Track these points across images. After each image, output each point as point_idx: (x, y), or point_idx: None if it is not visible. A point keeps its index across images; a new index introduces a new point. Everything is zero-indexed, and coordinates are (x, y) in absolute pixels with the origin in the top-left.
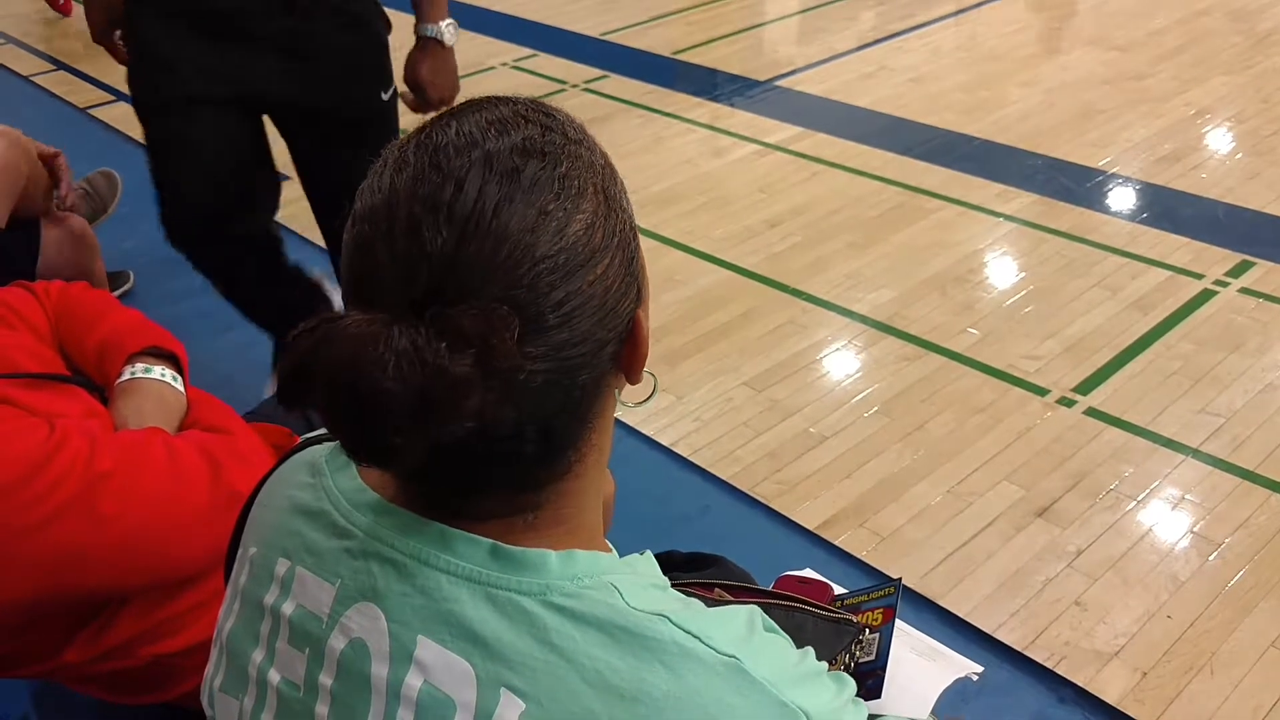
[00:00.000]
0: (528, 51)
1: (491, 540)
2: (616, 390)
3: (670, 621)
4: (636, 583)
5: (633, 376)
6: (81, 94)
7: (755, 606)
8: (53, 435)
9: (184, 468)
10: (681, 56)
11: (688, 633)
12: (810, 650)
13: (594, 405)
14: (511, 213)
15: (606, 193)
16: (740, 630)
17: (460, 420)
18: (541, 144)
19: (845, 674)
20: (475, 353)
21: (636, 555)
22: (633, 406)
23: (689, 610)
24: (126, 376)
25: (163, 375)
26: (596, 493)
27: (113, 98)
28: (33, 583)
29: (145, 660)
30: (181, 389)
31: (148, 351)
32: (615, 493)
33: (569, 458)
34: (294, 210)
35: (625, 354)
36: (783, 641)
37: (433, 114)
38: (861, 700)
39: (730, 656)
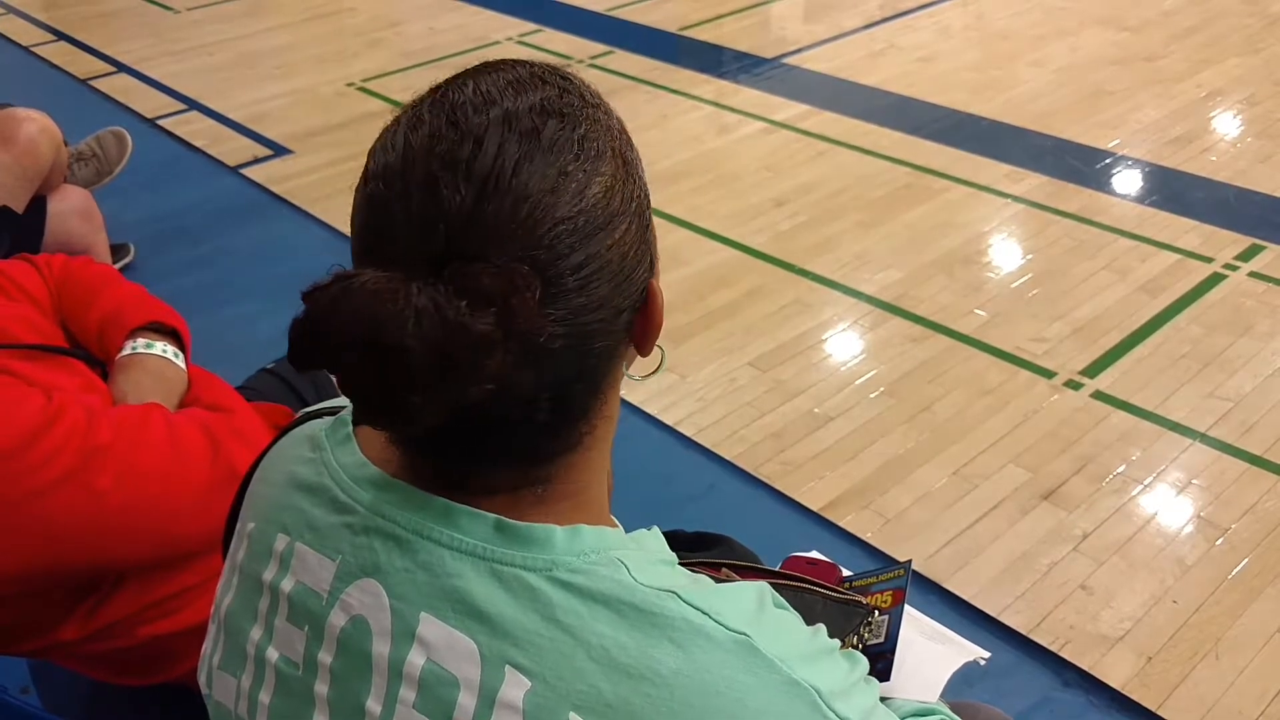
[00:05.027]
0: (533, 26)
1: (496, 515)
2: (625, 363)
3: (679, 598)
4: (644, 559)
5: (644, 348)
6: (82, 65)
7: (764, 583)
8: (49, 405)
9: (183, 444)
10: (688, 33)
11: (697, 609)
12: (822, 627)
13: (608, 375)
14: (531, 171)
15: (624, 157)
16: (750, 607)
17: (480, 381)
18: (560, 105)
19: (857, 652)
20: (496, 312)
21: (644, 531)
22: (640, 379)
23: (698, 587)
24: (127, 351)
25: (164, 351)
26: (603, 468)
27: (113, 68)
28: (26, 554)
29: (143, 639)
30: (182, 365)
31: (149, 327)
32: (612, 471)
33: (580, 429)
34: (294, 186)
35: (638, 323)
36: (793, 618)
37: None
38: (874, 679)
39: (740, 634)
